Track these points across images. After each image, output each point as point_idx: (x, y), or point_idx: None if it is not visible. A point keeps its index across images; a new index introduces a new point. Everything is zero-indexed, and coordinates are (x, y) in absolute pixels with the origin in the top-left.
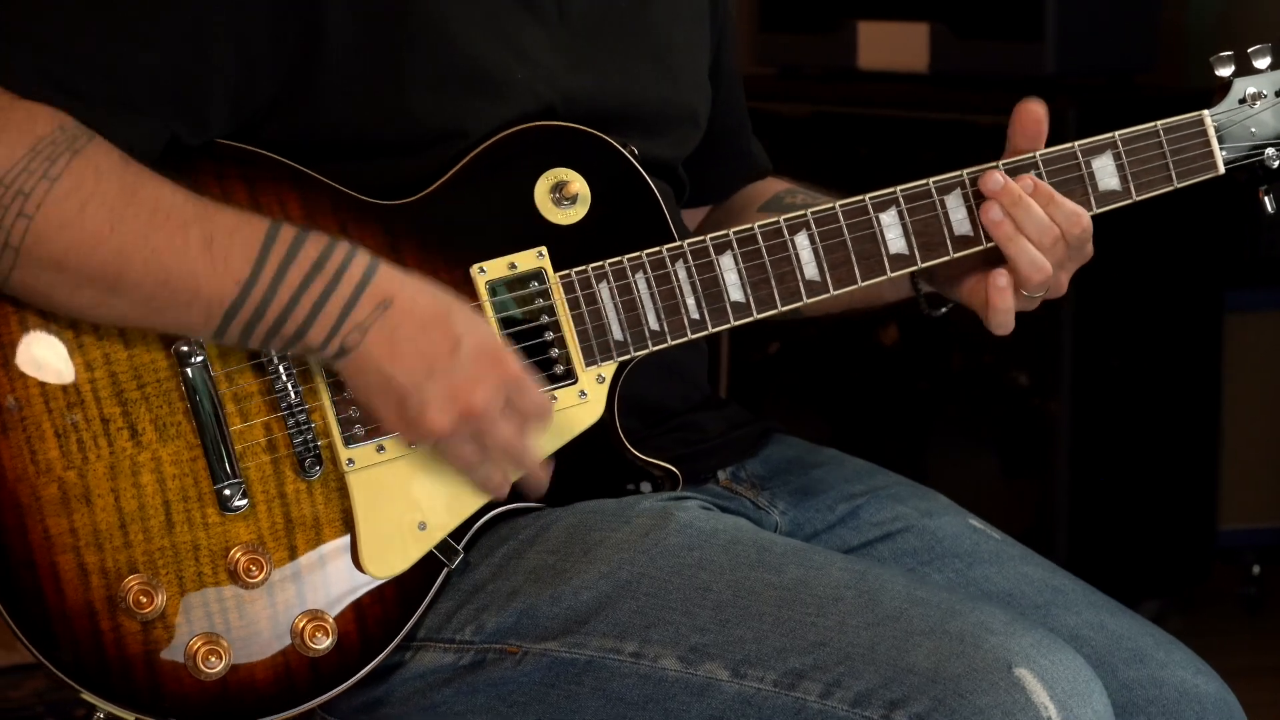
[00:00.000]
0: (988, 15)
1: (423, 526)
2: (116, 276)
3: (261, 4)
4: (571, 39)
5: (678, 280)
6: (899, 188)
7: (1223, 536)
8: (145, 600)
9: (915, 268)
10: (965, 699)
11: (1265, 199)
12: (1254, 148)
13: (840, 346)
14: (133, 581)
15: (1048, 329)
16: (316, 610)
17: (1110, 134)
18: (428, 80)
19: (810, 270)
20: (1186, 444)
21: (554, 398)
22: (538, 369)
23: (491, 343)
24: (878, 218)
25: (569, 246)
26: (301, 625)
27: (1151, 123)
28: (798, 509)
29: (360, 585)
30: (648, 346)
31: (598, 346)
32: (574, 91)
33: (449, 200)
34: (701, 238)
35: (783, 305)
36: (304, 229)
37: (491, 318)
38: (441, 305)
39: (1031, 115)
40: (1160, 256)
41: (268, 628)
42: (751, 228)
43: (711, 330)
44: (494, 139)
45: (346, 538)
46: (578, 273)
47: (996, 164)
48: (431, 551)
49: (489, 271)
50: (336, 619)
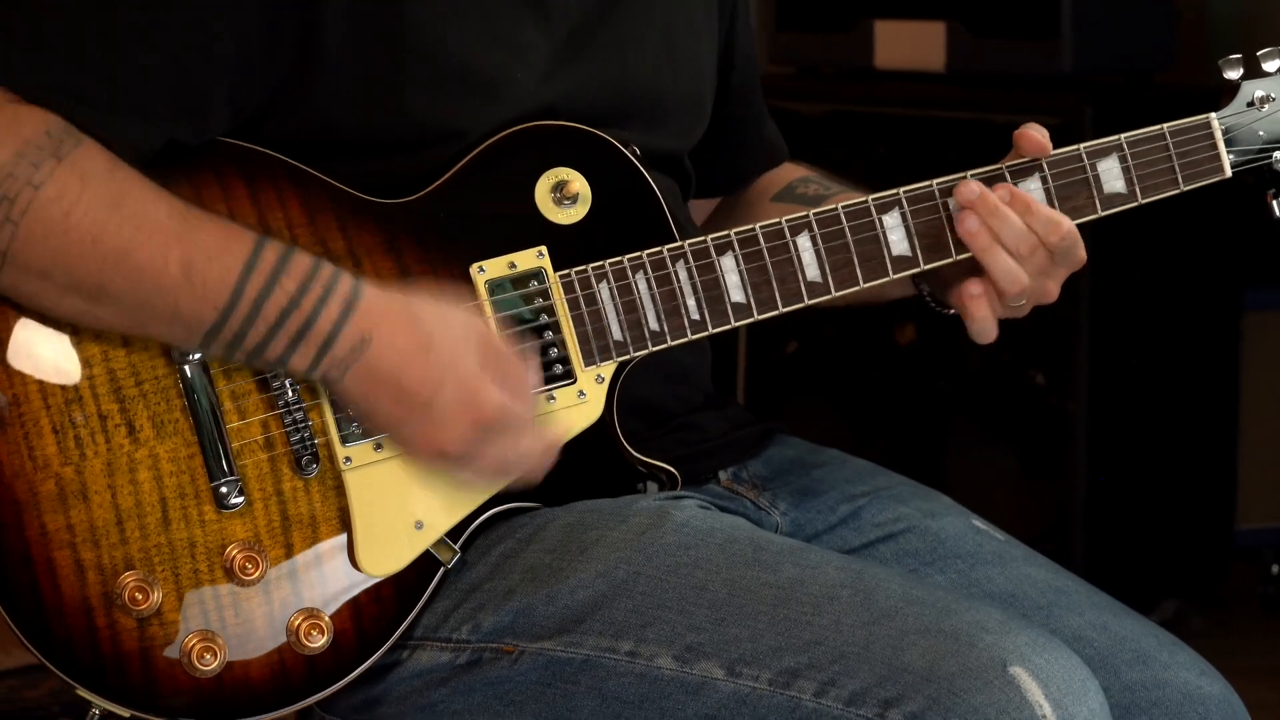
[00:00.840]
0: (1004, 14)
1: (420, 525)
2: (100, 289)
3: (259, 4)
4: (571, 33)
5: (678, 280)
6: (901, 189)
7: (1241, 536)
8: (141, 597)
9: (917, 269)
10: (960, 697)
11: (1273, 203)
12: (1262, 151)
13: (858, 346)
14: (129, 578)
15: (1065, 328)
16: (312, 608)
17: (1116, 136)
18: (424, 80)
19: (812, 271)
20: (1205, 443)
21: (552, 398)
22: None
23: (470, 383)
24: (880, 219)
25: (569, 246)
26: (297, 623)
27: (1158, 125)
28: (799, 509)
29: (357, 583)
30: (647, 347)
31: (597, 347)
32: (573, 89)
33: (449, 199)
34: (702, 238)
35: (784, 306)
36: (288, 252)
37: (490, 316)
38: (421, 341)
39: (1032, 142)
40: (1179, 255)
41: (263, 625)
42: (753, 228)
43: (712, 331)
44: (495, 138)
45: (343, 536)
46: (577, 272)
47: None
48: (428, 550)
49: (488, 271)
50: (332, 617)
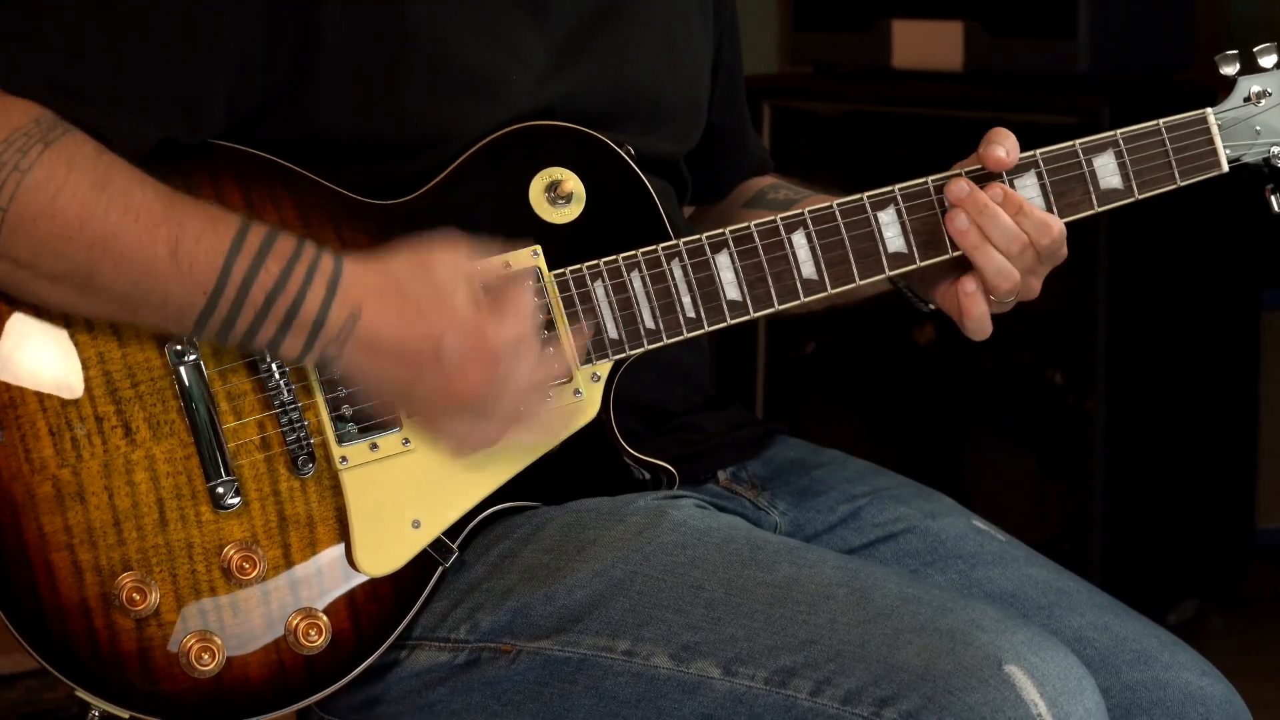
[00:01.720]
0: (1021, 13)
1: (417, 524)
2: (89, 274)
3: (258, 3)
4: (569, 35)
5: (673, 279)
6: (897, 186)
7: (1261, 535)
8: (139, 598)
9: (914, 266)
10: (955, 696)
11: (1271, 198)
12: (1260, 145)
13: (876, 346)
14: (126, 579)
15: (1084, 327)
16: (310, 608)
17: (1112, 132)
18: (423, 82)
19: (808, 269)
20: (1224, 442)
21: (548, 396)
22: None
23: (469, 321)
24: (876, 216)
25: (564, 245)
26: (295, 623)
27: (1154, 121)
28: (798, 510)
29: (354, 583)
30: (643, 345)
31: (593, 345)
32: (571, 90)
33: (443, 199)
34: (697, 236)
35: (779, 304)
36: (271, 232)
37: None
38: (408, 299)
39: (992, 159)
40: (1196, 254)
41: (261, 625)
42: (748, 226)
43: (708, 329)
44: (489, 139)
45: (341, 536)
46: (572, 271)
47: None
48: (426, 550)
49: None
50: (331, 617)
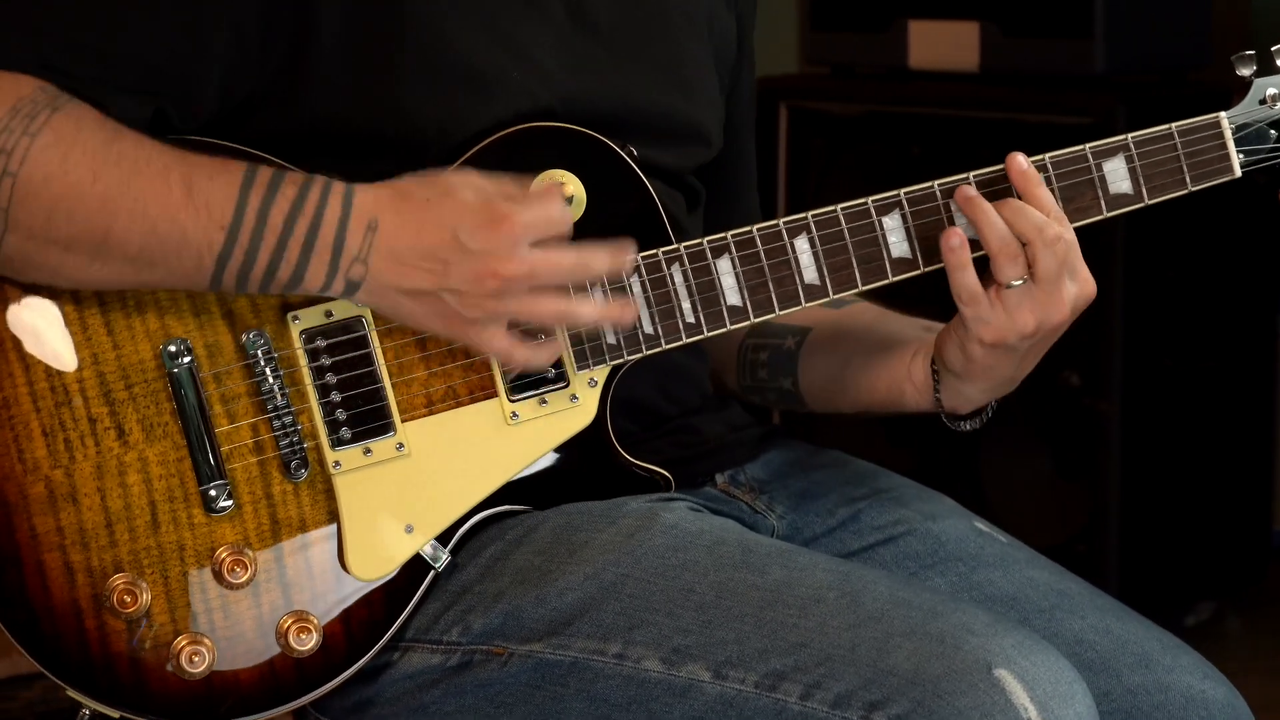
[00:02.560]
0: (1038, 13)
1: (409, 529)
2: (105, 231)
3: None
4: (580, 41)
5: (673, 283)
6: (902, 190)
7: (1278, 536)
8: (130, 599)
9: (918, 271)
10: (944, 700)
11: None
12: (1273, 150)
13: None
14: (118, 580)
15: (1100, 330)
16: (302, 611)
17: (1122, 136)
18: (420, 76)
19: (810, 274)
20: (1240, 443)
21: (544, 401)
22: (530, 372)
23: (483, 211)
24: (880, 221)
25: None
26: (286, 626)
27: (1165, 125)
28: (796, 512)
29: (346, 587)
30: (641, 350)
31: (590, 350)
32: (573, 93)
33: None
34: (698, 241)
35: (780, 309)
36: (280, 169)
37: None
38: (419, 202)
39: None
40: (1213, 256)
41: (252, 628)
42: (750, 230)
43: (707, 334)
44: (490, 139)
45: (333, 540)
46: None
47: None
48: (418, 554)
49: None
50: (322, 620)
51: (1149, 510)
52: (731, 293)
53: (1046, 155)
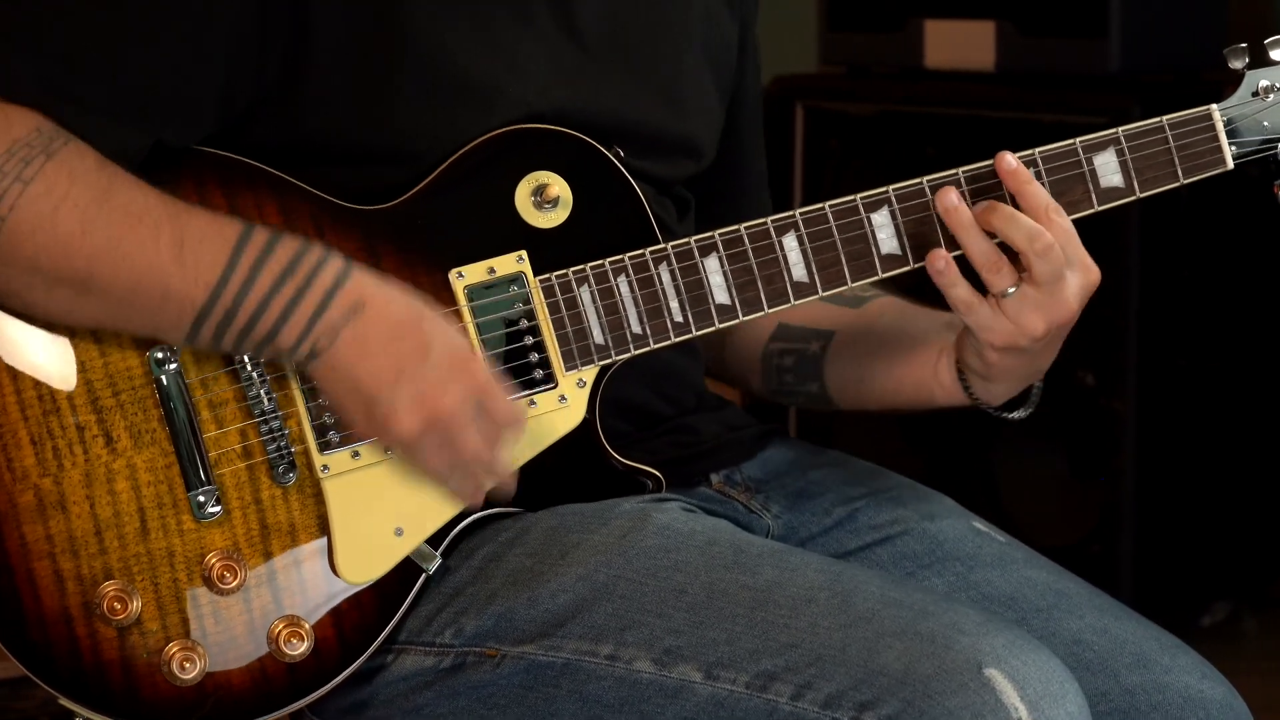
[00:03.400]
0: (1053, 12)
1: (400, 532)
2: (88, 278)
3: (250, 8)
4: (575, 55)
5: (661, 283)
6: (891, 187)
7: None
8: (120, 606)
9: (907, 268)
10: (934, 700)
11: None
12: (1266, 142)
13: None
14: (108, 588)
15: (1114, 329)
16: (293, 615)
17: (1113, 129)
18: (416, 89)
19: (798, 271)
20: (1255, 442)
21: (533, 403)
22: (517, 373)
23: (462, 349)
24: (869, 217)
25: (551, 250)
26: (278, 630)
27: (1156, 118)
28: (793, 512)
29: (337, 591)
30: (629, 350)
31: (578, 350)
32: (566, 104)
33: (428, 204)
34: (686, 240)
35: (770, 307)
36: (277, 232)
37: (469, 322)
38: (413, 311)
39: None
40: (1227, 255)
41: (243, 633)
42: (738, 229)
43: (696, 333)
44: (476, 142)
45: (323, 544)
46: (558, 276)
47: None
48: (409, 557)
49: (467, 276)
50: (313, 624)
51: (1164, 510)
52: (720, 291)
53: (1036, 150)
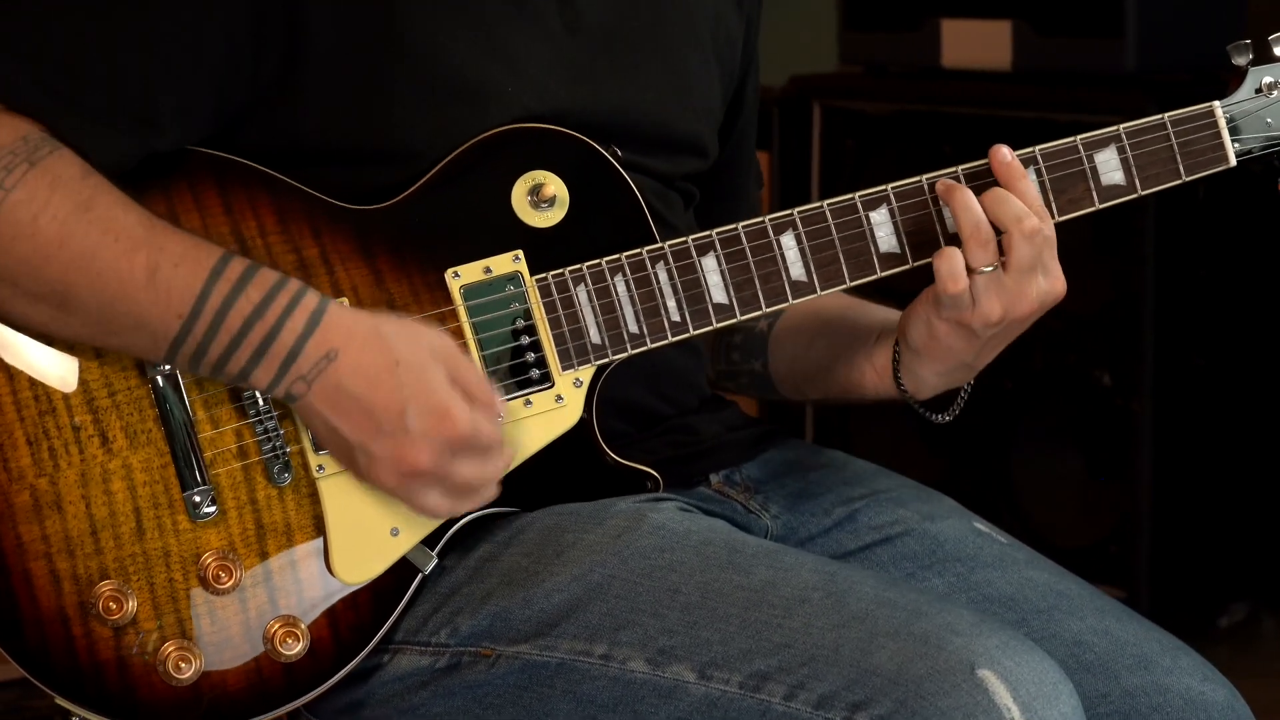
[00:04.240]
0: (1070, 12)
1: (395, 532)
2: (65, 294)
3: (247, 12)
4: (576, 54)
5: (658, 282)
6: (890, 185)
7: None
8: (116, 606)
9: (906, 267)
10: (927, 700)
11: None
12: (1270, 139)
13: None
14: (104, 588)
15: (1130, 329)
16: (289, 615)
17: (1114, 127)
18: (414, 91)
19: (796, 270)
20: (1272, 442)
21: (529, 402)
22: (513, 373)
23: (439, 400)
24: (867, 216)
25: (548, 249)
26: (273, 630)
27: (1158, 115)
28: (792, 513)
29: (333, 591)
30: (626, 350)
31: (575, 350)
32: (567, 105)
33: (424, 204)
34: (683, 239)
35: (767, 306)
36: (253, 266)
37: (465, 322)
38: (388, 358)
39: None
40: (1243, 254)
41: (239, 633)
42: (735, 228)
43: (693, 332)
44: (473, 141)
45: (318, 543)
46: (555, 276)
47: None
48: (405, 557)
49: (463, 276)
50: (309, 624)
51: (1181, 510)
52: (717, 290)
53: (1036, 148)
